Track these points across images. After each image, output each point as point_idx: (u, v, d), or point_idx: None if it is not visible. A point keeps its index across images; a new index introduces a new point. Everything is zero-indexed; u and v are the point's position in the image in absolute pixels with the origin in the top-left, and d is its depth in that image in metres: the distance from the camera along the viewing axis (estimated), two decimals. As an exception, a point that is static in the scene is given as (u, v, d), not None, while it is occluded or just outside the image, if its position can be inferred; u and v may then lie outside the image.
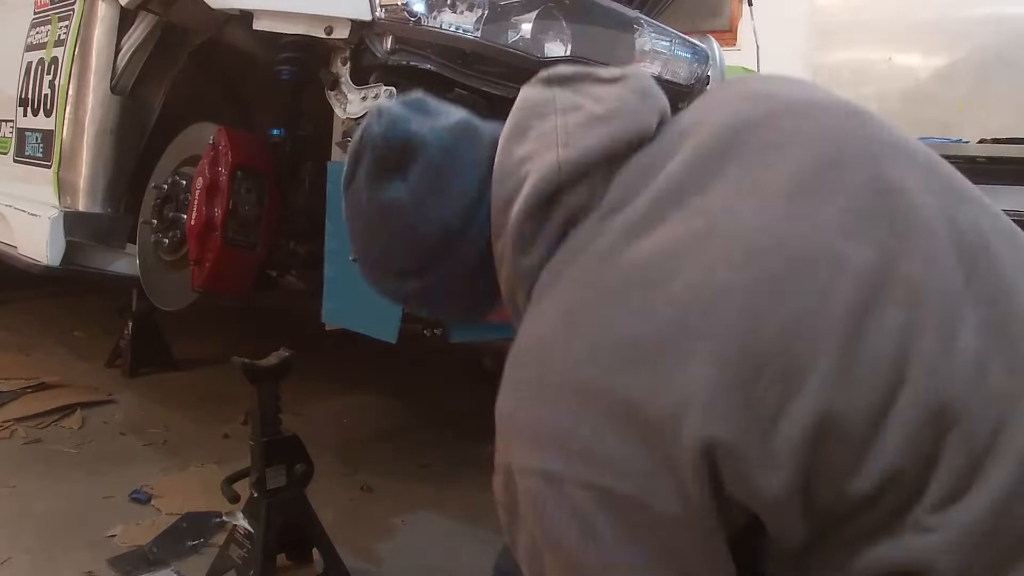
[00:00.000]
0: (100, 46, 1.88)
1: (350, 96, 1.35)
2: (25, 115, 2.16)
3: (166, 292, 1.79)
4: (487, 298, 0.84)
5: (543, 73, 0.78)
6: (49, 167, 2.00)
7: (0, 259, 2.17)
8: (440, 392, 2.62)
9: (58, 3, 2.07)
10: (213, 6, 1.50)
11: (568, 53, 1.40)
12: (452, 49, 1.31)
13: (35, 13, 2.18)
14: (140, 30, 1.84)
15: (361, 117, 1.32)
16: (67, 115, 1.93)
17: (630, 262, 0.64)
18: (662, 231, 0.64)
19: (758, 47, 2.86)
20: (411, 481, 1.96)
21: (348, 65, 1.36)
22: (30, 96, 2.13)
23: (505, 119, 0.77)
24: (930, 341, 0.59)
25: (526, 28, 1.37)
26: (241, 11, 1.45)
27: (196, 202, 1.53)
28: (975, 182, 0.74)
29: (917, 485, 0.59)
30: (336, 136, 1.43)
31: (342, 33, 1.32)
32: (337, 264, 1.33)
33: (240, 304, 2.56)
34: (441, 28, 1.30)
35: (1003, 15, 3.40)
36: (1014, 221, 0.73)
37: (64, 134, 1.94)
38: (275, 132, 1.62)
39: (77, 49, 1.92)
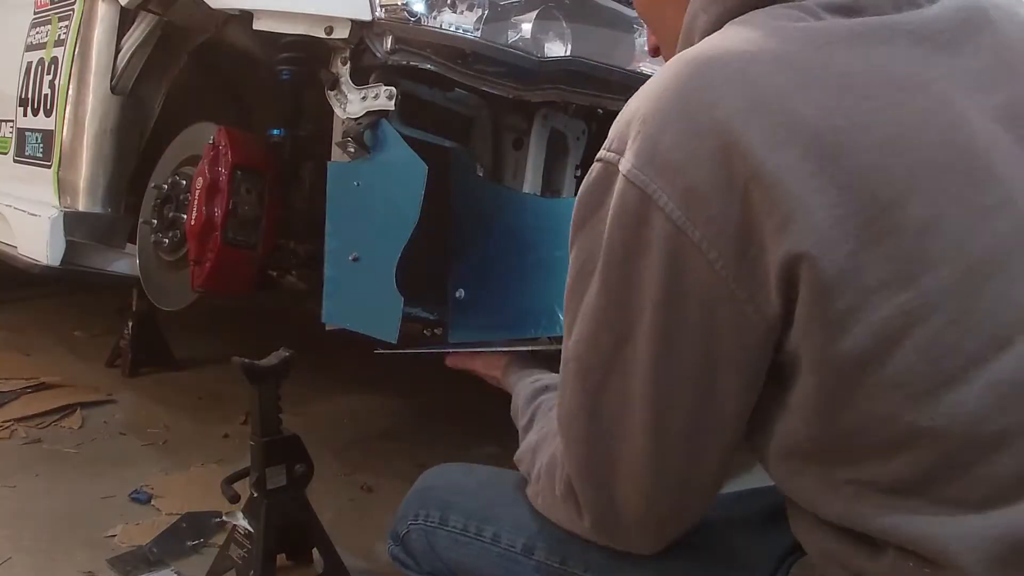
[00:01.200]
0: (100, 46, 1.88)
1: (350, 96, 1.35)
2: (25, 115, 2.16)
3: (166, 292, 1.79)
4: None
5: None
6: (49, 167, 2.00)
7: (0, 259, 2.17)
8: (440, 392, 2.62)
9: (58, 3, 2.07)
10: (213, 6, 1.50)
11: (568, 53, 1.40)
12: (452, 49, 1.31)
13: (35, 13, 2.18)
14: (140, 30, 1.84)
15: (361, 117, 1.32)
16: (67, 115, 1.93)
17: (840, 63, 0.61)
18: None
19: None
20: (411, 481, 1.95)
21: (348, 65, 1.36)
22: (30, 96, 2.14)
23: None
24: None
25: (526, 28, 1.37)
26: (241, 11, 1.45)
27: (196, 202, 1.53)
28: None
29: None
30: (336, 136, 1.43)
31: (342, 33, 1.32)
32: (337, 264, 1.33)
33: (240, 303, 2.55)
34: (441, 28, 1.30)
35: (1003, 15, 3.38)
36: None
37: (64, 134, 1.94)
38: (275, 132, 1.62)
39: (77, 49, 1.92)
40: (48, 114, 2.03)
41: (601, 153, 0.65)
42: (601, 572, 0.78)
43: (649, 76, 0.77)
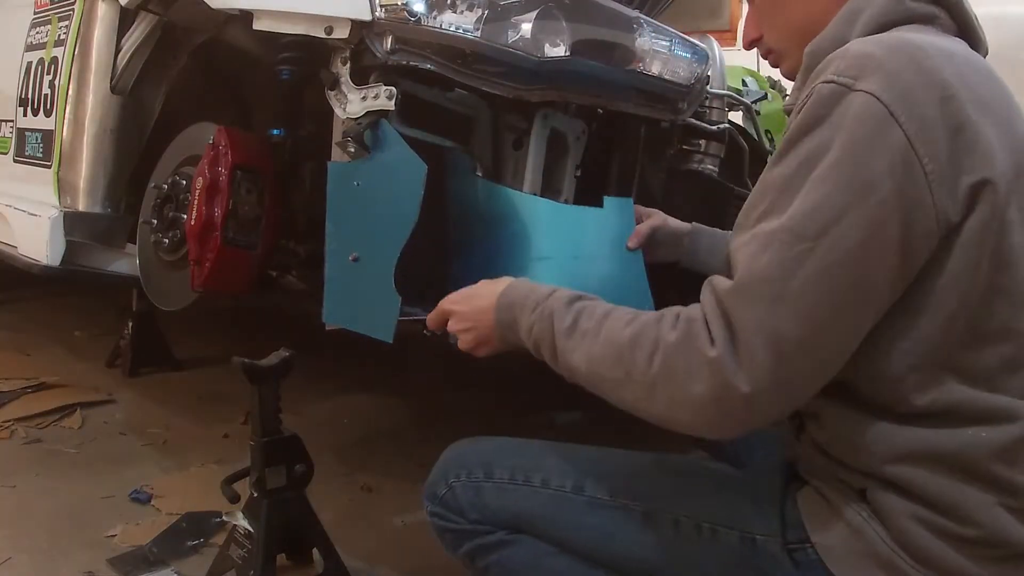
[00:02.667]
0: (100, 46, 1.88)
1: (350, 96, 1.35)
2: (25, 115, 2.16)
3: (166, 292, 1.79)
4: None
5: None
6: (49, 167, 2.00)
7: (0, 259, 2.17)
8: (440, 392, 2.62)
9: (58, 3, 2.07)
10: (213, 6, 1.50)
11: (568, 53, 1.40)
12: (452, 49, 1.31)
13: (35, 13, 2.18)
14: (140, 30, 1.84)
15: (361, 117, 1.32)
16: (67, 115, 1.93)
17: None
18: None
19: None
20: (411, 481, 1.96)
21: (348, 65, 1.36)
22: (30, 96, 2.14)
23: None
24: None
25: (526, 28, 1.36)
26: (241, 11, 1.45)
27: (196, 202, 1.53)
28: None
29: None
30: (336, 136, 1.43)
31: (342, 33, 1.32)
32: (337, 264, 1.33)
33: (240, 303, 2.55)
34: (441, 28, 1.30)
35: (1003, 15, 3.39)
36: None
37: (64, 134, 1.94)
38: (275, 132, 1.62)
39: (77, 49, 1.92)
40: (48, 114, 2.03)
41: (827, 77, 0.79)
42: (645, 500, 0.92)
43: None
